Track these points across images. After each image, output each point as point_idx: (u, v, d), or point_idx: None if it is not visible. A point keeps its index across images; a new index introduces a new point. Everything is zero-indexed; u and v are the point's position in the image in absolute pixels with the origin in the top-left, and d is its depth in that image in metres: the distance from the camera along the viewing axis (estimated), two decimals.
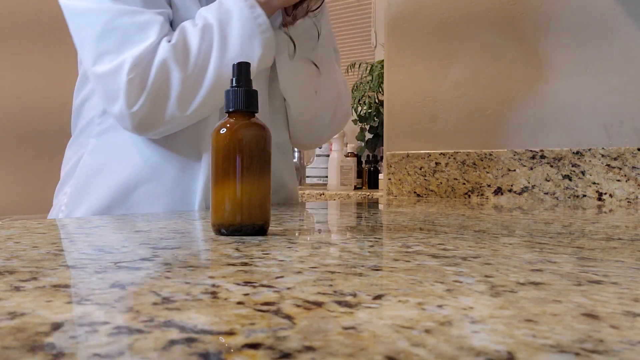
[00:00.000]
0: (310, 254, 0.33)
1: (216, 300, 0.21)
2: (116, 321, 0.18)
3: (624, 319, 0.18)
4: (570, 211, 0.74)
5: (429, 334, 0.17)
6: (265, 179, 0.42)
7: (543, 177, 1.07)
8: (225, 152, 0.41)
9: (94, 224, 0.50)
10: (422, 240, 0.39)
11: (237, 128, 0.41)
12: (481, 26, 1.15)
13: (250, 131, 0.42)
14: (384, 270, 0.28)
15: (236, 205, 0.41)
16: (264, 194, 0.42)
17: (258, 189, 0.41)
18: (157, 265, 0.29)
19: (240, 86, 0.42)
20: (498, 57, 1.13)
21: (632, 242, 0.39)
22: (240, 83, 0.42)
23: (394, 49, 1.26)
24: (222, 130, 0.41)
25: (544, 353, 0.15)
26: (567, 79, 1.07)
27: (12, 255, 0.32)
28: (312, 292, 0.22)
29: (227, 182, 0.41)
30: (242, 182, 0.41)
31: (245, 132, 0.41)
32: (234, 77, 0.42)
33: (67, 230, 0.47)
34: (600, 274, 0.27)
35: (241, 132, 0.41)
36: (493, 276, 0.26)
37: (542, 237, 0.42)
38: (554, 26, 1.08)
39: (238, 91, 0.42)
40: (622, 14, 1.02)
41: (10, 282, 0.24)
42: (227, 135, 0.41)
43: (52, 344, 0.16)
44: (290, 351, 0.15)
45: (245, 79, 0.42)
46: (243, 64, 0.42)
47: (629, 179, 1.00)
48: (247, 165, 0.41)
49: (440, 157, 1.17)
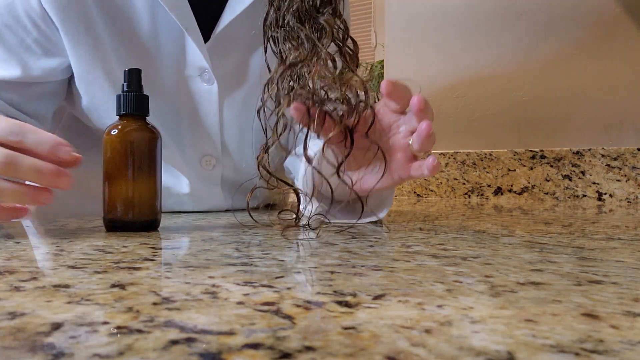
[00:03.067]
0: (310, 254, 0.33)
1: (216, 300, 0.21)
2: (116, 321, 0.18)
3: (624, 319, 0.18)
4: (570, 211, 0.74)
5: (429, 334, 0.17)
6: (154, 178, 0.45)
7: (543, 177, 1.07)
8: (116, 152, 0.44)
9: (95, 224, 0.50)
10: (422, 240, 0.39)
11: (129, 131, 0.44)
12: (481, 26, 1.15)
13: (140, 133, 0.44)
14: (384, 270, 0.28)
15: (127, 203, 0.44)
16: (153, 192, 0.45)
17: (147, 187, 0.44)
18: (157, 265, 0.29)
19: (131, 91, 0.45)
20: (498, 57, 1.13)
21: (632, 242, 0.39)
22: (131, 88, 0.45)
23: (394, 49, 1.26)
24: (114, 131, 0.44)
25: (544, 353, 0.15)
26: (567, 78, 1.07)
27: (12, 255, 0.32)
28: (312, 292, 0.22)
29: (119, 180, 0.44)
30: (133, 181, 0.44)
31: (135, 135, 0.44)
32: (126, 82, 0.45)
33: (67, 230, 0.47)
34: (600, 274, 0.27)
35: (132, 135, 0.44)
36: (493, 276, 0.26)
37: (542, 237, 0.42)
38: (554, 26, 1.08)
39: (129, 96, 0.45)
40: (623, 13, 1.02)
41: (10, 282, 0.24)
42: (118, 137, 0.44)
43: (52, 344, 0.16)
44: (290, 351, 0.15)
45: (137, 84, 0.45)
46: (134, 70, 0.45)
47: (629, 179, 1.00)
48: (137, 165, 0.44)
49: (440, 157, 1.17)
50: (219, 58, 0.63)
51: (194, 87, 0.64)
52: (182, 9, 0.60)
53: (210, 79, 0.63)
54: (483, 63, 1.15)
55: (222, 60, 0.64)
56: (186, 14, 0.60)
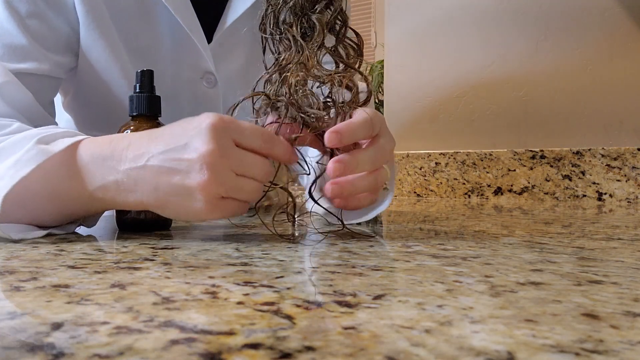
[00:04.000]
0: (310, 254, 0.33)
1: (216, 300, 0.21)
2: (116, 321, 0.18)
3: (624, 319, 0.18)
4: (570, 211, 0.74)
5: (429, 334, 0.17)
6: None
7: (543, 177, 1.07)
8: None
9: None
10: (422, 240, 0.39)
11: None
12: (481, 26, 1.15)
13: None
14: (384, 270, 0.28)
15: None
16: None
17: None
18: (157, 265, 0.29)
19: (144, 92, 0.45)
20: (498, 57, 1.13)
21: (632, 242, 0.39)
22: (143, 89, 0.45)
23: (394, 49, 1.26)
24: (127, 132, 0.44)
25: (544, 353, 0.15)
26: (567, 78, 1.07)
27: (12, 255, 0.32)
28: (312, 292, 0.22)
29: None
30: None
31: None
32: (138, 83, 0.45)
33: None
34: (600, 274, 0.27)
35: None
36: (493, 276, 0.26)
37: (542, 237, 0.42)
38: (555, 26, 1.08)
39: (141, 97, 0.45)
40: (623, 13, 1.02)
41: (10, 282, 0.24)
42: None
43: (52, 344, 0.16)
44: (290, 351, 0.15)
45: (149, 85, 0.46)
46: (147, 71, 0.46)
47: (629, 179, 1.00)
48: None
49: (440, 157, 1.17)
50: (222, 60, 0.63)
51: (197, 89, 0.63)
52: (185, 11, 0.59)
53: (214, 82, 0.63)
54: (483, 63, 1.15)
55: (224, 61, 0.64)
56: (190, 15, 0.60)
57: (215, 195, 0.37)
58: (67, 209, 0.42)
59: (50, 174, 0.39)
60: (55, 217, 0.42)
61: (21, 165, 0.38)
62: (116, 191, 0.39)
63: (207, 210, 0.37)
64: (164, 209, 0.39)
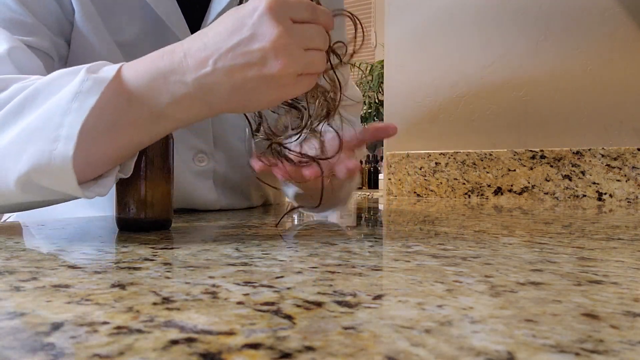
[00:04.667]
0: (310, 254, 0.33)
1: (216, 300, 0.21)
2: (116, 321, 0.18)
3: (624, 319, 0.18)
4: (570, 211, 0.74)
5: (429, 334, 0.17)
6: (167, 177, 0.45)
7: (543, 177, 1.07)
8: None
9: (95, 224, 0.50)
10: (422, 240, 0.39)
11: None
12: (481, 26, 1.15)
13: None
14: (384, 270, 0.28)
15: (141, 202, 0.44)
16: (167, 192, 0.45)
17: (161, 187, 0.45)
18: (157, 265, 0.29)
19: None
20: (498, 57, 1.13)
21: (632, 242, 0.39)
22: None
23: (394, 49, 1.26)
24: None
25: (544, 353, 0.15)
26: (567, 78, 1.07)
27: (12, 255, 0.32)
28: (312, 292, 0.22)
29: (133, 179, 0.44)
30: (146, 180, 0.44)
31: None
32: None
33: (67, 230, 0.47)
34: (600, 274, 0.27)
35: None
36: (493, 276, 0.26)
37: (542, 237, 0.42)
38: (555, 26, 1.08)
39: None
40: (623, 13, 1.02)
41: (10, 282, 0.24)
42: None
43: (52, 344, 0.16)
44: (290, 351, 0.15)
45: None
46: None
47: (629, 179, 1.00)
48: (151, 164, 0.44)
49: (440, 157, 1.17)
50: None
51: None
52: (168, 7, 0.58)
53: None
54: (483, 63, 1.15)
55: None
56: (173, 10, 0.59)
57: (294, 75, 0.37)
58: (131, 138, 0.40)
59: (107, 104, 0.37)
60: (119, 150, 0.40)
61: (83, 96, 0.36)
62: (189, 105, 0.38)
63: (289, 92, 0.38)
64: (246, 106, 0.39)
